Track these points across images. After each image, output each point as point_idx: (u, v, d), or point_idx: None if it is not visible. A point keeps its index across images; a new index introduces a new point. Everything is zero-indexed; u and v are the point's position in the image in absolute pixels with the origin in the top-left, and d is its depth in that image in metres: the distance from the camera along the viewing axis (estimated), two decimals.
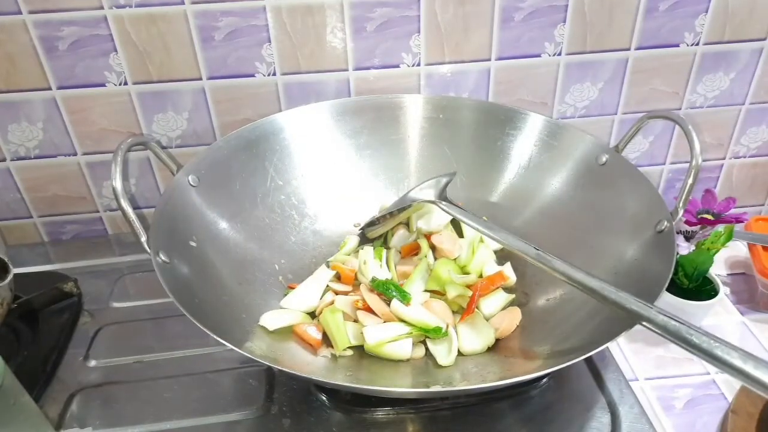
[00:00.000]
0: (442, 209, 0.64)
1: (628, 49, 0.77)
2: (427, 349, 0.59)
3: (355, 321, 0.60)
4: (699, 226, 0.72)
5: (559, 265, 0.53)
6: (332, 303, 0.61)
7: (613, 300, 0.48)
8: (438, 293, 0.63)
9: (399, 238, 0.70)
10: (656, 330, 0.45)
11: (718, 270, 0.78)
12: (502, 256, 0.69)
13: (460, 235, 0.71)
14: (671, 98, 0.81)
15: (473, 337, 0.59)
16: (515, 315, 0.62)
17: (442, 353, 0.57)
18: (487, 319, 0.61)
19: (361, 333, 0.57)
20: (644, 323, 0.46)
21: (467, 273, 0.65)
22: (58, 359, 0.64)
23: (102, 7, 0.68)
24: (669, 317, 0.45)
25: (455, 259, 0.66)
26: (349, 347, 0.58)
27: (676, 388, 0.64)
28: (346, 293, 0.64)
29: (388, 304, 0.60)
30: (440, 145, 0.75)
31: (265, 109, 0.76)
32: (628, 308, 0.47)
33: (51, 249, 0.83)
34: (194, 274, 0.58)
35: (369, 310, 0.60)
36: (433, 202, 0.65)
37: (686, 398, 0.62)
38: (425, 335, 0.59)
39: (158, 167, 0.81)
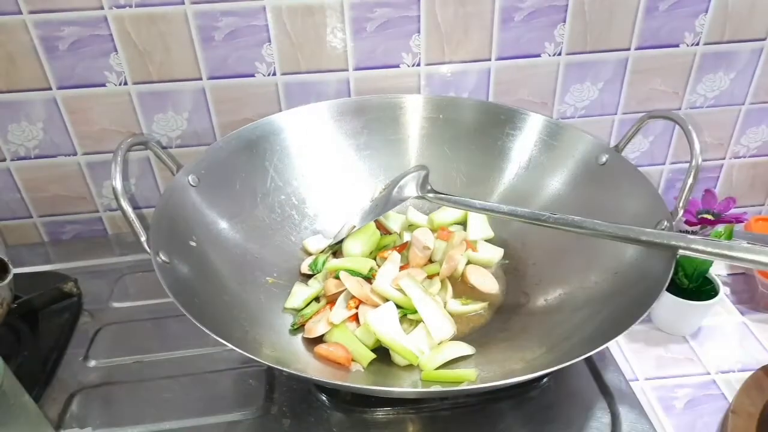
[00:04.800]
0: (433, 200, 0.64)
1: (628, 49, 0.77)
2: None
3: (357, 322, 0.60)
4: (699, 226, 0.72)
5: (577, 219, 0.56)
6: (331, 323, 0.60)
7: (646, 240, 0.52)
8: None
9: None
10: (698, 255, 0.50)
11: (718, 270, 0.78)
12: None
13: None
14: (671, 98, 0.81)
15: (440, 324, 0.59)
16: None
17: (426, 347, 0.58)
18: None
19: (369, 330, 0.57)
20: (683, 251, 0.50)
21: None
22: (58, 359, 0.64)
23: (102, 7, 0.68)
24: (705, 239, 0.49)
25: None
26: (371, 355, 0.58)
27: (676, 388, 0.64)
28: (335, 296, 0.63)
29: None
30: (440, 145, 0.75)
31: (265, 109, 0.76)
32: (663, 243, 0.51)
33: (51, 249, 0.83)
34: (194, 274, 0.58)
35: (361, 302, 0.60)
36: (421, 198, 0.65)
37: (686, 398, 0.62)
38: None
39: (158, 167, 0.81)
